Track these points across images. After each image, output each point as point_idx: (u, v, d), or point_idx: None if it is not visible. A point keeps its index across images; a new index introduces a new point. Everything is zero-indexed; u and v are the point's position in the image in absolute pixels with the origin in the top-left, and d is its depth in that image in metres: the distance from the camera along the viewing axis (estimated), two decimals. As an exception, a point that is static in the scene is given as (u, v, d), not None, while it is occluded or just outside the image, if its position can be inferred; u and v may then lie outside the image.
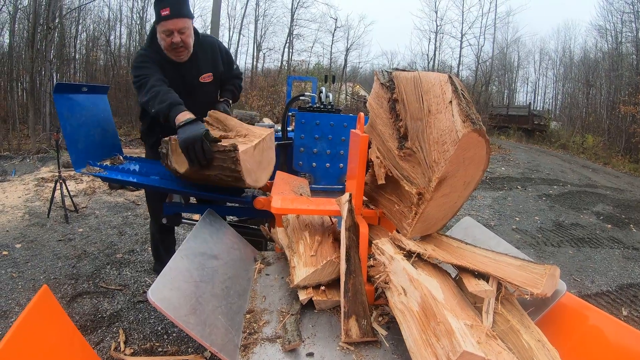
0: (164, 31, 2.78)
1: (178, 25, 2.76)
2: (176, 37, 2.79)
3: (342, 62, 29.75)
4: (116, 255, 5.00)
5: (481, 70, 26.01)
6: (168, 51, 2.86)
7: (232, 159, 2.15)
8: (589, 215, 8.31)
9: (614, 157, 19.50)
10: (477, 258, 1.72)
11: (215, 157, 2.24)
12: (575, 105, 30.26)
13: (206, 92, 3.20)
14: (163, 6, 2.71)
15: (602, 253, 6.17)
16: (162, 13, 2.72)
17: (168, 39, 2.79)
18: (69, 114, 2.77)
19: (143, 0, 25.04)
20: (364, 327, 1.56)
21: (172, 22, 2.74)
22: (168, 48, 2.84)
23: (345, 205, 1.89)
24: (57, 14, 14.41)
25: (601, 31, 26.47)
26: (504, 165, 15.49)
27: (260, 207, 2.52)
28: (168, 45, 2.82)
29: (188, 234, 2.01)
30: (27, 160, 10.62)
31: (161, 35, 2.81)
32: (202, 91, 3.15)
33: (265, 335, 1.64)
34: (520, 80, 39.56)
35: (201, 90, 3.14)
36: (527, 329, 1.53)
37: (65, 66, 18.28)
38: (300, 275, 1.79)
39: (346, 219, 1.82)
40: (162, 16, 2.73)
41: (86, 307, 3.76)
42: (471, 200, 9.05)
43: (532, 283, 1.57)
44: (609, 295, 4.79)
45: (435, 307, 1.40)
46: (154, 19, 2.83)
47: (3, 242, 5.23)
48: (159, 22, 2.77)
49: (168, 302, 1.47)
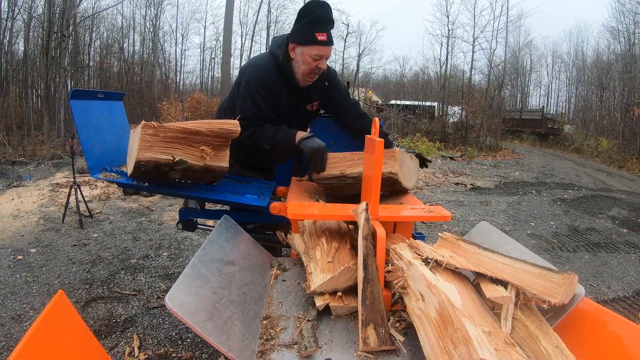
0: (315, 55, 2.65)
1: (329, 53, 2.72)
2: (324, 64, 2.72)
3: (354, 68, 29.74)
4: (130, 260, 5.04)
5: (494, 74, 25.82)
6: (305, 75, 2.75)
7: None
8: (604, 220, 8.22)
9: (628, 160, 19.27)
10: (495, 265, 1.70)
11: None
12: (588, 108, 30.07)
13: (311, 118, 3.19)
14: (321, 30, 2.61)
15: (618, 258, 6.09)
16: (318, 37, 2.61)
17: (314, 63, 2.68)
18: (85, 120, 2.80)
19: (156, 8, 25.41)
20: (382, 336, 1.54)
21: (326, 48, 2.67)
22: (307, 72, 2.73)
23: (362, 215, 1.88)
24: (71, 22, 14.56)
25: (613, 33, 26.34)
26: (518, 169, 15.41)
27: (276, 212, 2.51)
28: (311, 69, 2.72)
29: (204, 240, 2.01)
30: (42, 166, 10.75)
31: (307, 58, 2.67)
32: (308, 118, 3.14)
33: (282, 341, 1.63)
34: (533, 83, 39.54)
35: (307, 118, 3.12)
36: (545, 335, 1.50)
37: (80, 73, 18.52)
38: (317, 281, 1.78)
39: (363, 228, 1.81)
40: (318, 40, 2.62)
41: (100, 312, 3.79)
42: (486, 206, 9.01)
43: (550, 292, 1.55)
44: (625, 301, 4.73)
45: (452, 313, 1.39)
46: (296, 39, 2.68)
47: (18, 247, 5.30)
48: (312, 44, 2.64)
49: (185, 308, 1.47)
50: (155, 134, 2.25)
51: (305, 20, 2.62)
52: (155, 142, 2.26)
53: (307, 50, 2.65)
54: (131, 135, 2.54)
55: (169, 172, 2.35)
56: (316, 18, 2.60)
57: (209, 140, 2.38)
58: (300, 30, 2.65)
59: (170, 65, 27.91)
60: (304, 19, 2.62)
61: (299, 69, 2.73)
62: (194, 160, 2.34)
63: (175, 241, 5.81)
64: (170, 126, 2.30)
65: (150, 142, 2.24)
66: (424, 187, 11.03)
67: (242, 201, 2.64)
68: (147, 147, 2.23)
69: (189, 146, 2.34)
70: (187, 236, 5.96)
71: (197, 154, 2.36)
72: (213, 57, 29.58)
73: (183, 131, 2.30)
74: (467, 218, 7.90)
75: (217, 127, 2.37)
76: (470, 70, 27.18)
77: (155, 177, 2.44)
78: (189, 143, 2.34)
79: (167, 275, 4.63)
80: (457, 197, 9.86)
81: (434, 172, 13.52)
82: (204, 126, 2.35)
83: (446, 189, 10.95)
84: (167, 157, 2.27)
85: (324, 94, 3.06)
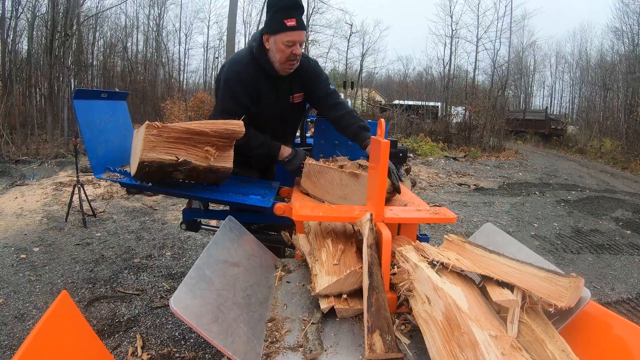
0: (286, 42, 2.69)
1: (302, 37, 2.74)
2: (298, 49, 2.74)
3: (357, 68, 29.77)
4: (134, 260, 5.04)
5: (497, 75, 25.81)
6: (282, 63, 2.78)
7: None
8: (608, 221, 8.18)
9: (632, 161, 19.16)
10: (501, 268, 1.68)
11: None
12: (592, 108, 29.94)
13: (296, 110, 3.20)
14: (289, 16, 2.65)
15: (622, 260, 6.06)
16: (287, 23, 2.65)
17: (288, 50, 2.71)
18: (88, 120, 2.79)
19: (159, 7, 25.44)
20: (388, 343, 1.53)
21: (297, 33, 2.70)
22: (284, 60, 2.76)
23: (367, 224, 1.87)
24: (75, 21, 14.62)
25: (617, 33, 26.20)
26: (522, 170, 15.37)
27: (280, 213, 2.51)
28: (287, 57, 2.74)
29: (209, 242, 2.01)
30: (45, 165, 10.77)
31: (281, 46, 2.71)
32: (293, 109, 3.15)
33: (287, 344, 1.62)
34: (536, 84, 39.37)
35: (291, 110, 3.14)
36: (551, 338, 1.49)
37: (83, 72, 18.56)
38: (322, 283, 1.77)
39: (367, 237, 1.81)
40: (287, 26, 2.65)
41: (103, 311, 3.79)
42: (489, 207, 8.99)
43: (556, 296, 1.54)
44: (629, 303, 4.71)
45: (459, 317, 1.38)
46: (267, 29, 2.73)
47: (21, 246, 5.30)
48: (282, 32, 2.68)
49: (190, 311, 1.46)
50: (159, 134, 2.24)
51: (274, 9, 2.68)
52: (159, 143, 2.25)
53: (279, 38, 2.69)
54: (134, 135, 2.53)
55: (172, 172, 2.35)
56: (283, 5, 2.66)
57: (213, 141, 2.37)
58: (270, 20, 2.71)
59: (173, 65, 28.01)
60: (273, 9, 2.69)
61: (276, 58, 2.77)
62: (197, 160, 2.34)
63: (178, 241, 5.81)
64: (174, 126, 2.29)
65: (154, 142, 2.23)
66: (427, 187, 11.01)
67: (246, 202, 2.62)
68: (150, 148, 2.22)
69: (192, 146, 2.33)
70: (190, 236, 5.96)
71: (201, 155, 2.35)
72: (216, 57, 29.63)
73: (187, 131, 2.29)
74: (470, 219, 7.89)
75: (222, 128, 2.37)
76: (474, 70, 27.23)
77: (159, 177, 2.43)
78: (193, 143, 2.33)
79: (171, 275, 4.63)
80: (461, 198, 9.84)
81: (437, 172, 13.51)
82: (208, 126, 2.34)
83: (449, 190, 10.93)
84: (171, 157, 2.26)
85: (305, 84, 3.06)
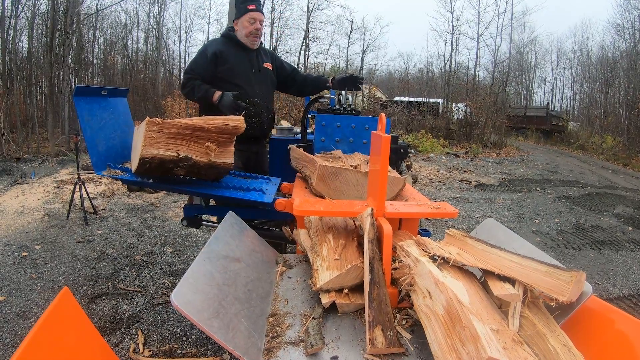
0: (249, 19, 3.55)
1: (260, 17, 3.60)
2: (257, 24, 3.59)
3: (358, 64, 29.68)
4: (135, 257, 5.04)
5: (498, 71, 25.75)
6: (247, 36, 3.60)
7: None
8: (609, 218, 8.18)
9: (633, 157, 19.16)
10: (502, 262, 1.68)
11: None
12: (593, 105, 29.89)
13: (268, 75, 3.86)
14: (251, 3, 3.53)
15: (623, 256, 6.06)
16: (249, 7, 3.52)
17: (251, 26, 3.57)
18: (89, 117, 2.79)
19: (159, 5, 25.36)
20: (390, 338, 1.53)
21: (257, 13, 3.56)
22: (249, 34, 3.59)
23: (367, 220, 1.87)
24: (75, 19, 14.58)
25: (619, 29, 26.16)
26: (523, 166, 15.35)
27: (281, 209, 2.51)
28: (250, 31, 3.58)
29: (210, 237, 2.00)
30: (46, 163, 10.76)
31: (245, 23, 3.57)
32: (265, 75, 3.82)
33: (289, 338, 1.62)
34: (537, 80, 39.31)
35: (264, 74, 3.81)
36: (552, 333, 1.49)
37: (84, 70, 18.51)
38: (323, 278, 1.77)
39: (368, 232, 1.80)
40: (249, 9, 3.52)
41: (105, 308, 3.79)
42: (490, 203, 8.98)
43: (558, 290, 1.54)
44: (630, 299, 4.70)
45: (460, 311, 1.37)
46: (236, 16, 3.62)
47: (23, 244, 5.31)
48: (246, 13, 3.53)
49: (191, 306, 1.46)
50: (160, 131, 2.24)
51: (240, 1, 3.56)
52: (160, 139, 2.25)
53: (243, 19, 3.57)
54: (135, 131, 2.53)
55: (173, 168, 2.34)
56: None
57: (214, 137, 2.37)
58: (237, 8, 3.60)
59: (174, 62, 27.91)
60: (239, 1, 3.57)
61: (242, 34, 3.61)
62: (198, 156, 2.34)
63: (179, 237, 5.81)
64: (175, 122, 2.29)
65: (155, 138, 2.23)
66: (429, 184, 11.00)
67: (247, 197, 2.62)
68: (151, 144, 2.22)
69: (193, 142, 2.33)
70: (191, 232, 5.96)
71: (202, 151, 2.35)
72: (217, 54, 29.47)
73: (187, 127, 2.29)
74: (471, 215, 7.88)
75: (222, 124, 2.37)
76: (475, 66, 27.17)
77: (160, 173, 2.43)
78: (194, 139, 2.33)
79: (172, 272, 4.63)
80: (462, 194, 9.83)
81: (438, 169, 13.50)
82: (209, 122, 2.34)
83: (450, 186, 10.92)
84: (172, 153, 2.26)
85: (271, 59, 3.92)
